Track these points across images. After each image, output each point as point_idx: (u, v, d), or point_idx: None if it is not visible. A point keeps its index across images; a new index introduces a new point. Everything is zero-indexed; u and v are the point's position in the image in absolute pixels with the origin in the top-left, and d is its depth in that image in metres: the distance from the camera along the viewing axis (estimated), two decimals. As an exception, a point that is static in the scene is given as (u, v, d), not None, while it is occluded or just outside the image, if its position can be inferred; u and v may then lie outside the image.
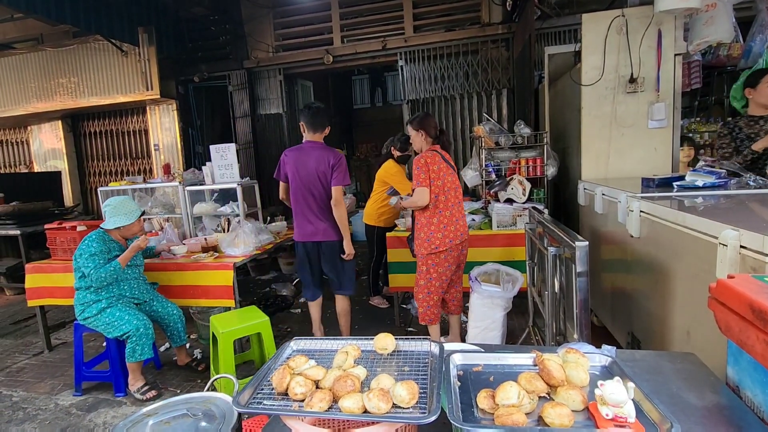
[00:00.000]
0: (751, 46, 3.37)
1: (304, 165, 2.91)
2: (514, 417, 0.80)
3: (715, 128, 6.14)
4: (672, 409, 0.93)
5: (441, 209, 2.70)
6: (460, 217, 2.79)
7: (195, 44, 6.31)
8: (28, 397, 2.94)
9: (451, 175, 2.76)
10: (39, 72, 6.11)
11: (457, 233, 2.72)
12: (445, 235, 2.69)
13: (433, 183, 2.66)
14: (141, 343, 2.74)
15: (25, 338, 4.05)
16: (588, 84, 3.24)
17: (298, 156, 2.94)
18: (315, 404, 0.87)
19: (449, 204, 2.72)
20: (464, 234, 2.78)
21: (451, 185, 2.74)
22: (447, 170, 2.74)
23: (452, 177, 2.77)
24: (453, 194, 2.75)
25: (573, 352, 1.01)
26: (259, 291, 5.00)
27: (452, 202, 2.73)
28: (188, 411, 1.16)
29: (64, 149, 6.84)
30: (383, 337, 1.11)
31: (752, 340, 0.87)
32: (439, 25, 5.61)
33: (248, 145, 6.43)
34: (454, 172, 2.81)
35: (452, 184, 2.75)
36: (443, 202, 2.70)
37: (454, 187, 2.75)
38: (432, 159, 2.67)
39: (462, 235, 2.76)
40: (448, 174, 2.73)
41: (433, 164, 2.66)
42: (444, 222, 2.70)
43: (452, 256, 2.74)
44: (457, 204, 2.78)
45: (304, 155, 2.92)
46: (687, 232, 1.67)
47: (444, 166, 2.72)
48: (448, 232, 2.70)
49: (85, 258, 2.67)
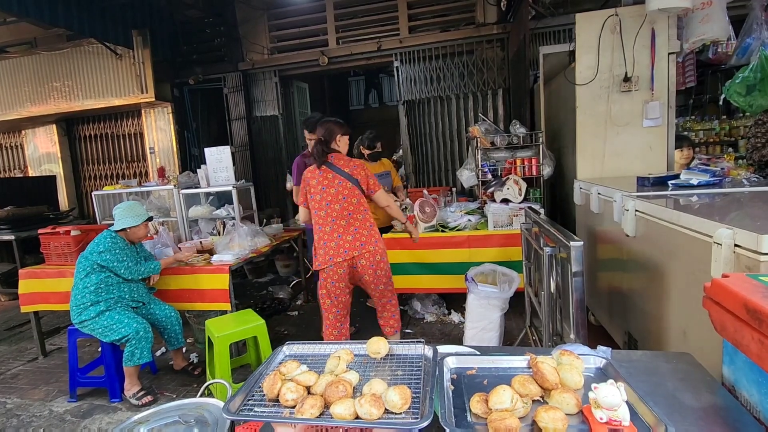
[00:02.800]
0: (749, 43, 3.37)
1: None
2: (507, 421, 0.79)
3: (710, 126, 6.16)
4: (668, 410, 0.92)
5: (320, 225, 2.54)
6: (346, 233, 2.49)
7: (190, 47, 6.28)
8: (22, 404, 2.92)
9: (334, 187, 2.50)
10: (33, 76, 6.08)
11: (339, 250, 2.47)
12: (326, 252, 2.50)
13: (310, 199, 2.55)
14: (140, 346, 2.73)
15: (20, 344, 4.02)
16: (583, 83, 3.24)
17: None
18: (306, 411, 0.86)
19: (329, 220, 2.50)
20: (350, 250, 2.47)
21: (333, 198, 2.49)
22: (324, 184, 2.51)
23: (336, 189, 2.50)
24: (333, 209, 2.49)
25: (567, 354, 1.00)
26: (255, 294, 4.98)
27: (332, 217, 2.49)
28: (180, 418, 1.15)
29: (59, 153, 6.80)
30: (376, 341, 1.10)
31: (747, 339, 0.87)
32: (434, 26, 5.61)
33: (244, 147, 6.40)
34: (344, 182, 2.50)
35: (334, 197, 2.49)
36: (322, 218, 2.52)
37: (339, 200, 2.49)
38: (306, 174, 2.58)
39: (346, 253, 2.46)
40: (329, 187, 2.50)
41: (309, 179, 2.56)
42: (324, 239, 2.51)
43: (336, 273, 2.49)
44: (341, 218, 2.49)
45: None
46: (682, 231, 1.67)
47: (319, 181, 2.51)
48: (329, 249, 2.49)
49: (108, 255, 2.76)
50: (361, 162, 2.60)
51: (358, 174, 2.52)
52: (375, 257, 2.52)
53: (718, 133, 6.14)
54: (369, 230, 2.54)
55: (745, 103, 2.89)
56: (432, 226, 3.52)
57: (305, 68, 6.11)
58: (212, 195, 4.31)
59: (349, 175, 2.50)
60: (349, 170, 2.51)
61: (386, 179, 3.94)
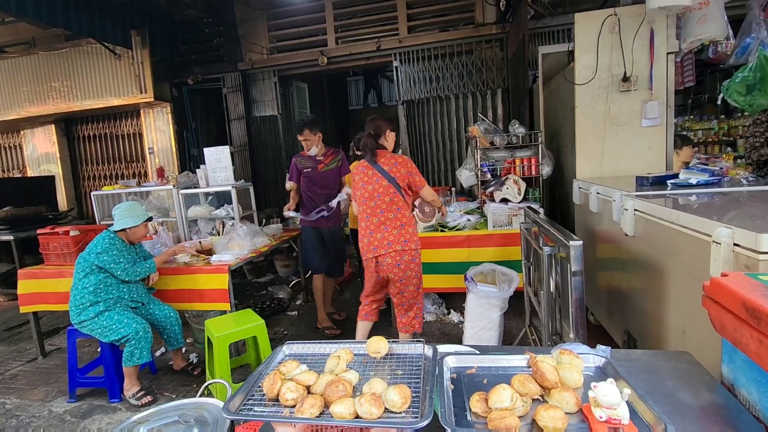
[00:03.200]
0: (748, 43, 3.37)
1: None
2: (507, 420, 0.80)
3: (709, 126, 6.17)
4: (667, 408, 0.92)
5: (360, 220, 2.68)
6: (377, 230, 2.57)
7: (189, 47, 6.28)
8: (21, 404, 2.91)
9: (371, 184, 2.58)
10: (31, 76, 6.07)
11: (369, 246, 2.59)
12: (362, 246, 2.65)
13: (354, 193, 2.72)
14: (140, 346, 2.72)
15: (19, 345, 4.01)
16: (582, 83, 3.24)
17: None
18: (306, 410, 0.86)
19: (364, 216, 2.63)
20: (378, 248, 2.55)
21: (370, 195, 2.58)
22: (364, 180, 2.61)
23: (373, 186, 2.58)
24: (368, 206, 2.59)
25: (567, 353, 1.00)
26: (255, 294, 4.98)
27: (367, 213, 2.60)
28: (180, 418, 1.15)
29: (58, 153, 6.79)
30: (376, 340, 1.10)
31: (746, 338, 0.87)
32: (434, 26, 5.61)
33: (243, 147, 6.40)
34: (381, 180, 2.57)
35: (371, 194, 2.58)
36: (361, 213, 2.65)
37: (374, 197, 2.57)
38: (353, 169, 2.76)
39: (374, 250, 2.56)
40: (368, 184, 2.59)
41: (354, 175, 2.71)
42: (362, 233, 2.65)
43: (369, 267, 2.64)
44: (374, 215, 2.58)
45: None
46: (681, 230, 1.67)
47: (361, 177, 2.63)
48: (363, 245, 2.63)
49: (105, 256, 2.74)
50: (406, 159, 2.64)
51: (397, 172, 2.56)
52: (402, 257, 2.55)
53: (717, 132, 6.16)
54: (399, 230, 2.56)
55: (746, 102, 2.89)
56: (431, 225, 3.52)
57: (304, 68, 6.11)
58: (211, 195, 4.31)
59: (387, 173, 2.55)
60: (389, 168, 2.56)
61: None
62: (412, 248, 2.58)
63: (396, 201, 2.56)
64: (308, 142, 3.49)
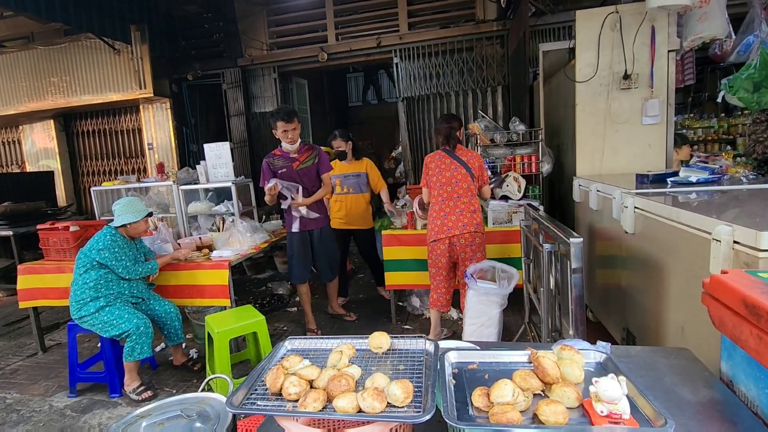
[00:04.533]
0: (750, 41, 3.37)
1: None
2: (509, 415, 0.80)
3: (708, 124, 6.17)
4: (666, 404, 0.93)
5: (433, 203, 2.99)
6: (452, 213, 2.90)
7: (188, 42, 6.25)
8: (22, 399, 2.92)
9: (449, 171, 2.91)
10: (30, 71, 6.04)
11: (443, 228, 2.89)
12: (432, 228, 2.94)
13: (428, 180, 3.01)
14: (140, 342, 2.73)
15: (19, 340, 4.02)
16: (582, 81, 3.24)
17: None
18: (309, 404, 0.86)
19: (439, 200, 2.94)
20: (452, 229, 2.88)
21: (447, 181, 2.90)
22: (441, 167, 2.94)
23: (451, 173, 2.90)
24: (445, 190, 2.91)
25: (568, 349, 1.01)
26: (255, 290, 4.98)
27: (443, 197, 2.92)
28: (182, 412, 1.15)
29: (57, 149, 6.77)
30: (378, 335, 1.11)
31: (745, 335, 0.88)
32: (434, 23, 5.59)
33: (243, 143, 6.39)
34: (459, 168, 2.90)
35: (448, 180, 2.90)
36: (435, 197, 2.96)
37: (451, 183, 2.90)
38: (426, 159, 3.04)
39: (449, 231, 2.88)
40: (445, 171, 2.91)
41: (428, 163, 3.01)
42: (433, 216, 2.96)
43: (438, 248, 2.94)
44: (450, 199, 2.90)
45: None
46: (681, 227, 1.68)
47: (437, 164, 2.95)
48: (434, 226, 2.93)
49: (107, 253, 2.74)
50: (478, 155, 3.00)
51: (473, 164, 2.92)
52: (475, 239, 2.90)
53: (717, 130, 6.16)
54: (473, 214, 2.91)
55: (753, 100, 2.90)
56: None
57: (304, 64, 6.09)
58: (211, 191, 4.30)
59: (465, 163, 2.89)
60: (466, 159, 2.91)
61: (355, 179, 3.93)
62: (482, 232, 2.96)
63: (471, 189, 2.91)
64: (296, 132, 3.28)
